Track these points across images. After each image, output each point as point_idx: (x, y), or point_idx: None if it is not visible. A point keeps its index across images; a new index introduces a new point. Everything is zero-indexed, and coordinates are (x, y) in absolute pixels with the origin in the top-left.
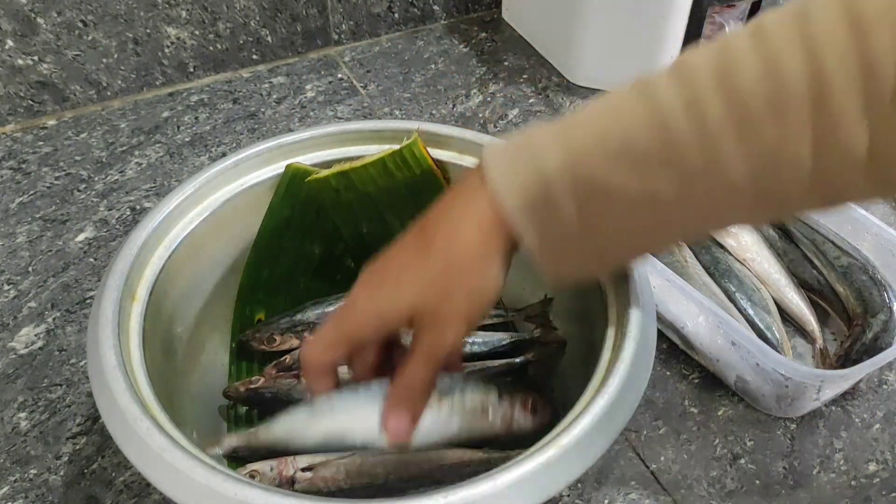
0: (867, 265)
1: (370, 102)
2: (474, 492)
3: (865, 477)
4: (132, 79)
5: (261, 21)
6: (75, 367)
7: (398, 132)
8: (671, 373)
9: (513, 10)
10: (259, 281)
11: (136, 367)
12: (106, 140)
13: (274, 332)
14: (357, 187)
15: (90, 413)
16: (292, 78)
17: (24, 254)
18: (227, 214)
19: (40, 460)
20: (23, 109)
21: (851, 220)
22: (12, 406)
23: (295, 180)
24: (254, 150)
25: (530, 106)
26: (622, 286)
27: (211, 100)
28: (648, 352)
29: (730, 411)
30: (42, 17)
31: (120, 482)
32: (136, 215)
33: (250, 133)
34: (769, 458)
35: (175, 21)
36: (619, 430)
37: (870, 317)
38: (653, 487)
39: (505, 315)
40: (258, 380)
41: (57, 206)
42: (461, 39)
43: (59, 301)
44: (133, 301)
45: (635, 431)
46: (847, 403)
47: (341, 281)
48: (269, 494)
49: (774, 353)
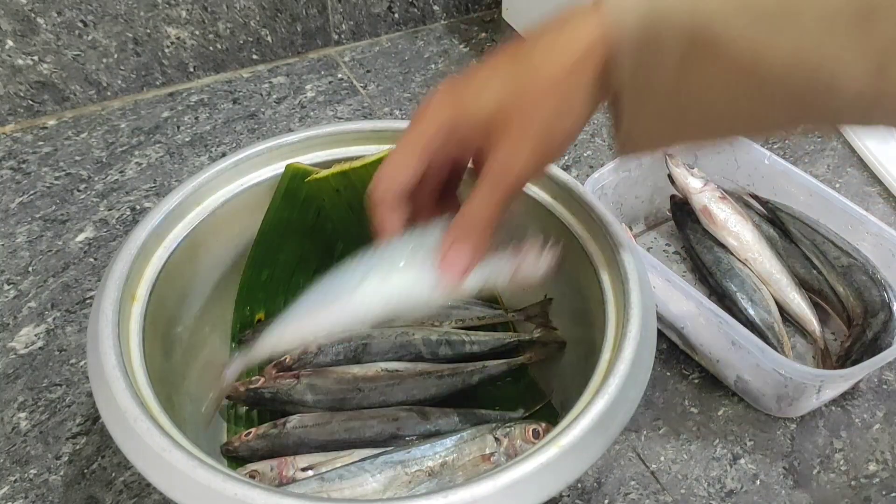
0: (867, 265)
1: (370, 102)
2: (474, 492)
3: (865, 477)
4: (132, 79)
5: (261, 21)
6: (75, 367)
7: (398, 132)
8: (671, 373)
9: (513, 10)
10: (259, 281)
11: (136, 367)
12: (106, 140)
13: None
14: (357, 187)
15: (90, 413)
16: (292, 78)
17: (24, 254)
18: (227, 214)
19: (40, 460)
20: (23, 109)
21: (851, 221)
22: (12, 406)
23: (295, 180)
24: (254, 150)
25: None
26: (622, 286)
27: (211, 100)
28: (648, 352)
29: (730, 411)
30: (42, 17)
31: (120, 482)
32: (136, 215)
33: (250, 133)
34: (769, 458)
35: (175, 21)
36: (619, 430)
37: (870, 317)
38: (653, 487)
39: (505, 315)
40: (258, 380)
41: (57, 206)
42: (461, 39)
43: (59, 301)
44: (133, 301)
45: (635, 431)
46: (847, 403)
47: None
48: (269, 494)
49: (774, 353)
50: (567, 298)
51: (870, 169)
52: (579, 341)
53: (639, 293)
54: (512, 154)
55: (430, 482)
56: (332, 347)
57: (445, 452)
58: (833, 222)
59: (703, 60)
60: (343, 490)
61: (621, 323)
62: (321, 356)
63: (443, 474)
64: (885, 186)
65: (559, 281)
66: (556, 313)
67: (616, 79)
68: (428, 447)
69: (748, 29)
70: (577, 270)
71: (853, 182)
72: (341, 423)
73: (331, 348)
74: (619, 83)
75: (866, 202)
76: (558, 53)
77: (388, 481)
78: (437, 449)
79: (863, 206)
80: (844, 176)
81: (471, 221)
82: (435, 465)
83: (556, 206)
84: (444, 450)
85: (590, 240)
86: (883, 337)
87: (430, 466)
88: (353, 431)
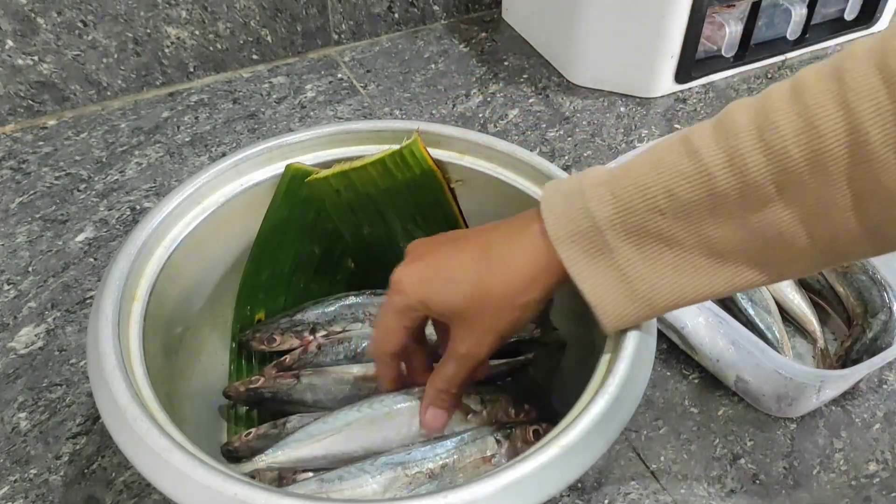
0: (867, 265)
1: (370, 102)
2: (474, 492)
3: (865, 477)
4: (132, 79)
5: (261, 21)
6: (75, 367)
7: (398, 132)
8: (671, 373)
9: (513, 10)
10: (259, 281)
11: (136, 367)
12: (106, 140)
13: (274, 332)
14: (357, 187)
15: (90, 413)
16: (292, 78)
17: (24, 254)
18: (227, 214)
19: (40, 460)
20: (23, 109)
21: None
22: (12, 406)
23: (295, 180)
24: (254, 150)
25: (530, 106)
26: None
27: (211, 100)
28: (648, 352)
29: (730, 411)
30: (42, 17)
31: (120, 482)
32: (136, 215)
33: (250, 133)
34: (769, 458)
35: (175, 21)
36: (619, 430)
37: (869, 317)
38: (653, 487)
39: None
40: (258, 379)
41: (57, 206)
42: (461, 39)
43: (59, 301)
44: (133, 301)
45: (635, 431)
46: (847, 403)
47: (341, 281)
48: (269, 494)
49: (774, 353)
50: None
51: None
52: (579, 341)
53: None
54: (476, 344)
55: (430, 484)
56: (332, 347)
57: (446, 454)
58: None
59: (657, 249)
60: (343, 491)
61: None
62: (321, 356)
63: (443, 476)
64: None
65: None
66: (556, 313)
67: (581, 286)
68: (429, 448)
69: (677, 223)
70: None
71: None
72: None
73: (331, 348)
74: (585, 290)
75: None
76: (518, 273)
77: (389, 483)
78: (438, 451)
79: None
80: None
81: (444, 388)
82: (435, 467)
83: None
84: (444, 451)
85: None
86: (883, 337)
87: (431, 468)
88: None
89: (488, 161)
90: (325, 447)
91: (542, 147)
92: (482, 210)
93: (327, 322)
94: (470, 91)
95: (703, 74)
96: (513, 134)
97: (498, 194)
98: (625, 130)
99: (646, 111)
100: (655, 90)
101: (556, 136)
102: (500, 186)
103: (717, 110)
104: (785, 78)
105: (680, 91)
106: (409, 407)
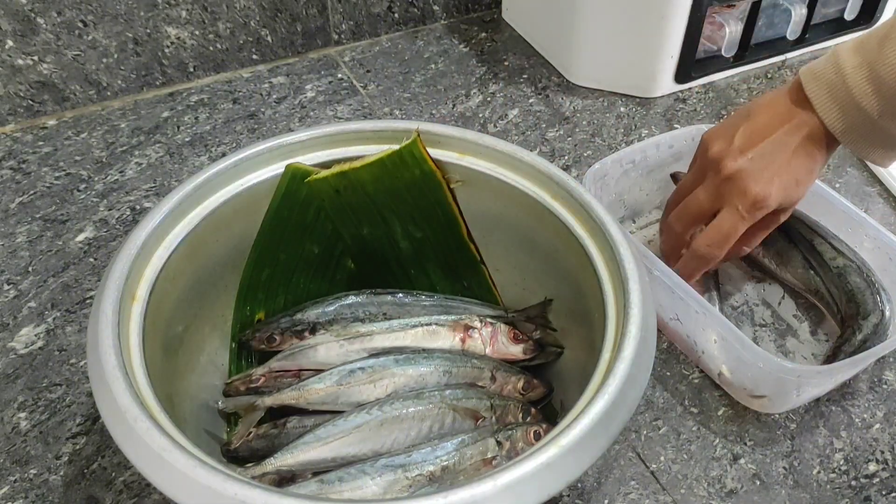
0: (862, 267)
1: (370, 102)
2: (474, 492)
3: (865, 477)
4: (132, 79)
5: (261, 21)
6: (75, 367)
7: (398, 132)
8: (671, 373)
9: (513, 10)
10: (259, 281)
11: (136, 367)
12: (106, 140)
13: (274, 332)
14: (357, 187)
15: (90, 413)
16: (292, 78)
17: (24, 254)
18: (227, 214)
19: (40, 460)
20: (23, 109)
21: (851, 222)
22: (12, 406)
23: (295, 180)
24: (254, 150)
25: (530, 106)
26: (622, 286)
27: (211, 100)
28: (648, 352)
29: (730, 411)
30: (42, 17)
31: (120, 482)
32: (136, 215)
33: (250, 133)
34: (769, 458)
35: (175, 21)
36: (619, 430)
37: (861, 319)
38: (653, 487)
39: (505, 315)
40: (258, 379)
41: (57, 206)
42: (461, 39)
43: (59, 301)
44: (133, 301)
45: (635, 431)
46: (847, 403)
47: (341, 281)
48: (269, 494)
49: (755, 346)
50: (567, 298)
51: (870, 169)
52: (579, 341)
53: (639, 293)
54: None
55: (430, 486)
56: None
57: (447, 456)
58: (833, 223)
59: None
60: (343, 493)
61: (621, 323)
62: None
63: (444, 478)
64: (885, 186)
65: (559, 281)
66: (556, 313)
67: (858, 152)
68: (429, 451)
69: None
70: (576, 270)
71: (853, 182)
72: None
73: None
74: (857, 151)
75: (866, 202)
76: (811, 160)
77: (388, 485)
78: (438, 453)
79: (862, 206)
80: (844, 176)
81: (716, 235)
82: (436, 469)
83: (556, 206)
84: (445, 454)
85: (589, 240)
86: (873, 339)
87: (431, 471)
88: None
89: (488, 161)
90: (333, 450)
91: (542, 147)
92: (482, 210)
93: (327, 322)
94: (470, 91)
95: (703, 74)
96: (513, 134)
97: (498, 194)
98: (625, 130)
99: (646, 111)
100: (655, 90)
101: (556, 136)
102: (500, 186)
103: (717, 110)
104: (785, 78)
105: (680, 91)
106: (418, 410)
